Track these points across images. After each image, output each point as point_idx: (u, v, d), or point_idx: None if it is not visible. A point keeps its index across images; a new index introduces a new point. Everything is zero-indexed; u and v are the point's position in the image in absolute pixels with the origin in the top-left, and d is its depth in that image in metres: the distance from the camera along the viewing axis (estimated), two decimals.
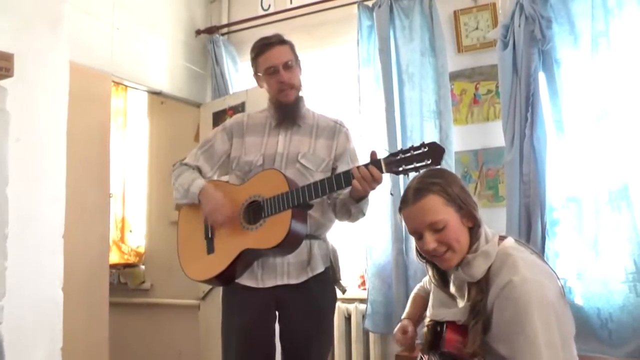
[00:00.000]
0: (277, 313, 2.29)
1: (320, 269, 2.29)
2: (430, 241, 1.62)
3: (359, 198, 2.12)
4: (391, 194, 2.08)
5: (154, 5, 3.77)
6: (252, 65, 2.40)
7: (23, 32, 2.17)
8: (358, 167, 1.97)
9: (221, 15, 4.18)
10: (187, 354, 4.09)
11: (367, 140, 3.25)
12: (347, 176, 2.00)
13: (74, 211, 2.47)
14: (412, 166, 1.89)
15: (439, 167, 1.84)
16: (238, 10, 4.13)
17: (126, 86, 3.79)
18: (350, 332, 3.40)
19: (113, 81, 3.41)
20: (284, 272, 2.24)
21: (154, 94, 3.86)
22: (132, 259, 4.61)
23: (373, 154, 1.99)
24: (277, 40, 2.32)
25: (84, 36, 3.12)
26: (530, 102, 2.78)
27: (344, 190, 2.13)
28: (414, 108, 3.19)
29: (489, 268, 1.59)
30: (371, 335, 3.34)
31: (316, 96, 3.80)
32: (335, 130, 2.36)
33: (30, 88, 2.19)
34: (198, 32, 4.10)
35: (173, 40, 3.90)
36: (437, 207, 1.61)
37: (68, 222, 2.32)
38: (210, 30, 4.07)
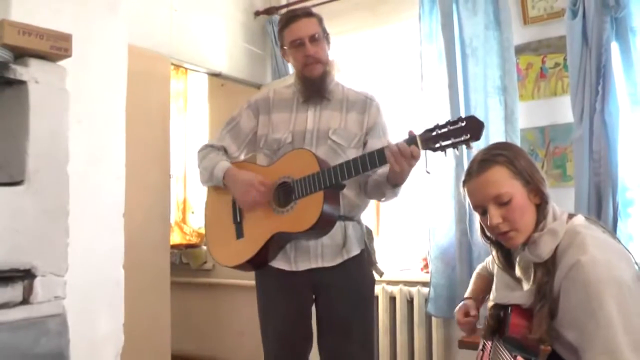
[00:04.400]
0: (313, 297, 2.23)
1: (355, 251, 2.20)
2: (495, 215, 1.53)
3: (396, 183, 2.03)
4: (427, 172, 1.99)
5: None
6: (279, 39, 2.32)
7: (81, 13, 2.19)
8: (392, 145, 1.89)
9: None
10: (248, 333, 4.12)
11: (429, 118, 3.15)
12: (381, 154, 1.92)
13: (135, 191, 2.50)
14: (449, 142, 1.81)
15: (505, 141, 1.75)
16: None
17: (186, 69, 3.82)
18: (413, 316, 3.33)
19: (172, 64, 3.44)
20: (318, 255, 2.15)
21: (214, 75, 3.87)
22: (193, 240, 4.68)
23: (410, 132, 1.90)
24: (304, 13, 2.23)
25: (143, 19, 3.15)
26: (601, 74, 2.61)
27: (378, 170, 2.05)
28: (477, 84, 3.07)
29: (557, 248, 1.50)
30: (434, 319, 3.26)
31: (378, 74, 3.73)
32: (366, 104, 2.25)
33: (89, 69, 2.21)
34: (257, 13, 4.07)
35: (232, 21, 3.89)
36: (503, 180, 1.54)
37: (129, 202, 2.34)
38: (269, 11, 4.04)
